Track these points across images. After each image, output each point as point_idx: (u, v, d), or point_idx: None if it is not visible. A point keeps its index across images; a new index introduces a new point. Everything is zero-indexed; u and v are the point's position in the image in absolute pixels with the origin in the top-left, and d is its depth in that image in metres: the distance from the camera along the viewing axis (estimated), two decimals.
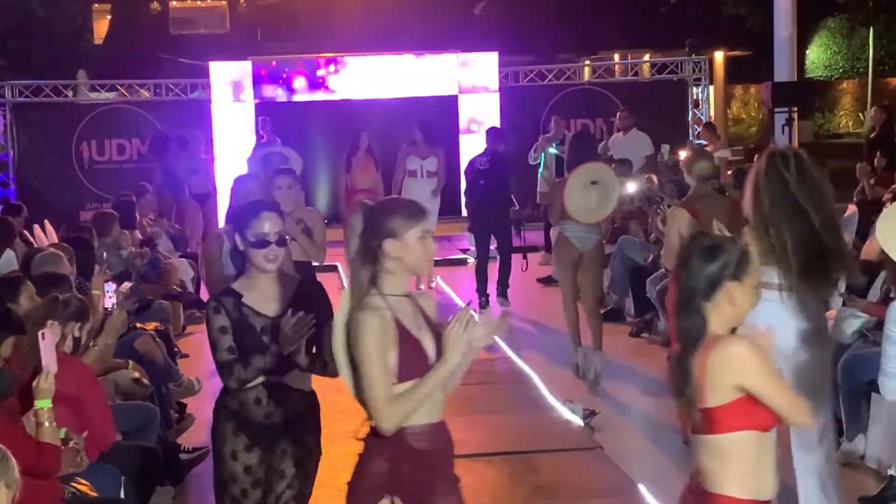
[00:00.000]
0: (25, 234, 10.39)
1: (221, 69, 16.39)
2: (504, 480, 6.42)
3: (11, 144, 16.20)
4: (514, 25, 26.68)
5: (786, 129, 15.82)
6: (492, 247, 11.89)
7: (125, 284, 6.75)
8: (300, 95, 16.45)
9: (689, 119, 17.05)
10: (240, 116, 16.04)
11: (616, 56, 27.73)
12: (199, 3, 30.63)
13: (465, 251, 14.76)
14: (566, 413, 7.44)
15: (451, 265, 13.37)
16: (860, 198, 11.84)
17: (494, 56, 16.87)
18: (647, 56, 25.22)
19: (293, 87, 16.40)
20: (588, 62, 22.75)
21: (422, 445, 3.53)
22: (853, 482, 6.05)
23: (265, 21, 28.80)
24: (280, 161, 7.96)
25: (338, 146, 16.30)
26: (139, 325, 7.84)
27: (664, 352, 7.37)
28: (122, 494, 5.33)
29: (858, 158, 13.91)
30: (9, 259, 8.35)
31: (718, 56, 28.22)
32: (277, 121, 16.21)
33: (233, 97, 16.22)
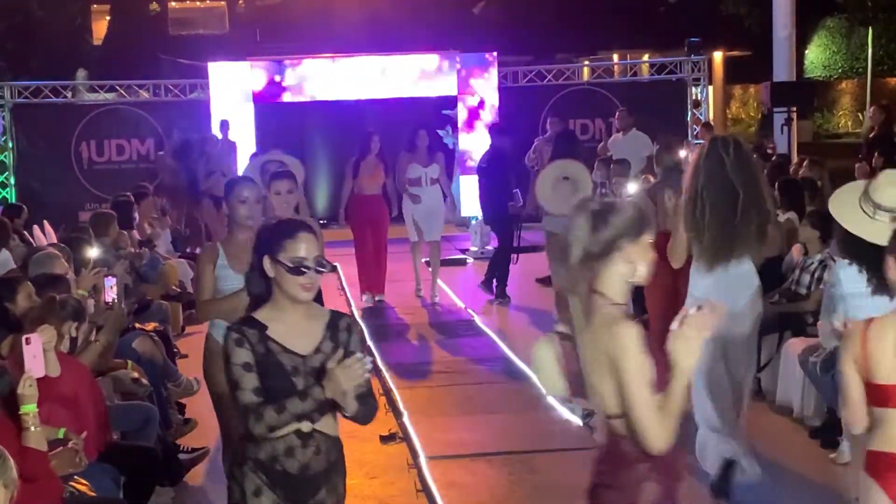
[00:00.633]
0: (25, 235, 10.40)
1: (220, 70, 16.40)
2: (504, 480, 6.41)
3: (11, 145, 16.20)
4: (513, 25, 26.71)
5: (785, 129, 15.82)
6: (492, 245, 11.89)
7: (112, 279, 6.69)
8: (299, 96, 16.44)
9: (689, 119, 17.05)
10: (239, 117, 16.02)
11: (615, 56, 27.75)
12: (199, 4, 30.65)
13: (465, 251, 14.76)
14: (565, 413, 7.44)
15: (450, 265, 13.32)
16: None
17: (493, 56, 16.87)
18: (646, 56, 25.22)
19: (292, 88, 16.39)
20: (587, 62, 22.70)
21: (680, 461, 3.47)
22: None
23: (264, 21, 28.80)
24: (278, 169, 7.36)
25: (336, 146, 16.33)
26: (138, 326, 7.85)
27: (661, 353, 7.50)
28: (122, 494, 5.33)
29: (857, 158, 13.90)
30: (4, 259, 8.34)
31: (717, 56, 28.23)
32: (277, 122, 16.21)
33: (232, 98, 16.21)
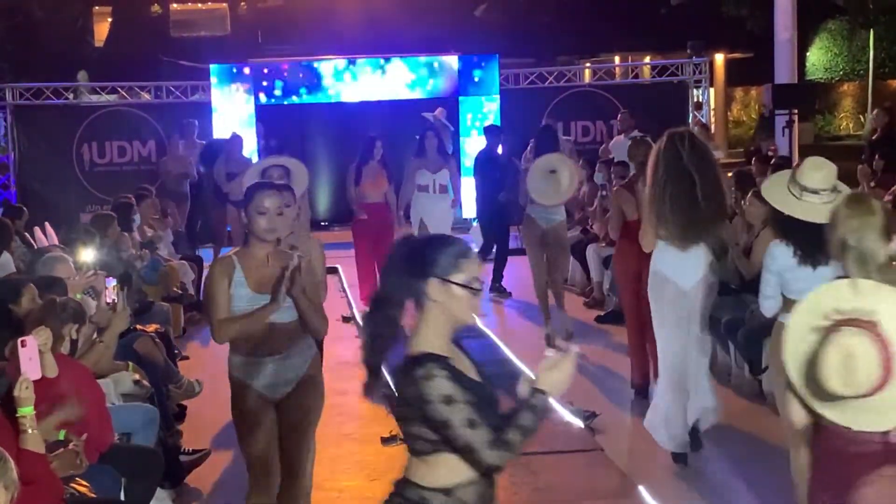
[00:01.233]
0: (27, 237, 10.39)
1: (222, 71, 16.40)
2: (504, 482, 6.38)
3: (12, 147, 16.18)
4: (515, 28, 26.71)
5: (786, 132, 15.82)
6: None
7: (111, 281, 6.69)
8: (300, 98, 16.45)
9: (690, 121, 17.05)
10: (240, 119, 16.03)
11: (616, 58, 27.75)
12: (200, 6, 30.68)
13: None
14: (566, 415, 7.44)
15: None
16: None
17: (495, 58, 16.88)
18: (648, 58, 25.23)
19: (293, 90, 16.40)
20: (588, 64, 22.73)
21: None
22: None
23: (265, 23, 28.82)
24: (279, 176, 6.59)
25: (337, 148, 16.31)
26: (139, 327, 7.84)
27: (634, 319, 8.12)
28: (122, 496, 5.33)
29: (859, 160, 13.90)
30: (5, 261, 8.34)
31: (719, 58, 28.23)
32: (277, 123, 16.19)
33: (233, 100, 16.22)
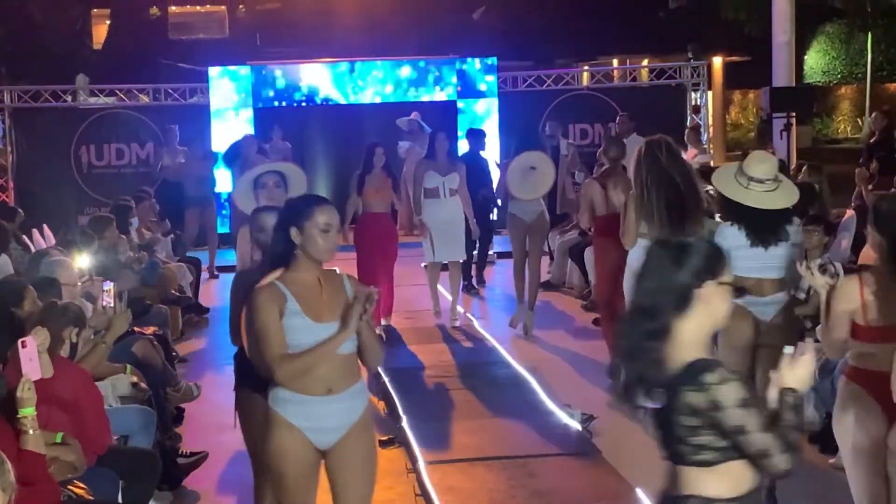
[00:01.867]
0: (24, 239, 10.38)
1: (220, 74, 16.40)
2: (502, 485, 6.41)
3: (10, 149, 16.19)
4: (513, 31, 26.74)
5: (784, 135, 15.82)
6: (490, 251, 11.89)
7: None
8: (298, 101, 16.45)
9: (688, 124, 17.06)
10: (239, 122, 16.03)
11: (615, 61, 27.79)
12: (199, 9, 30.71)
13: None
14: (564, 417, 7.44)
15: (446, 269, 13.24)
16: (858, 203, 11.79)
17: (493, 61, 16.89)
18: (646, 61, 25.25)
19: (292, 93, 16.40)
20: (587, 67, 22.70)
21: None
22: None
23: (264, 26, 28.86)
24: (276, 183, 6.04)
25: (335, 151, 16.32)
26: (137, 330, 7.83)
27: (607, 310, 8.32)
28: (120, 498, 5.33)
29: (857, 163, 13.91)
30: (3, 263, 8.33)
31: (717, 61, 28.26)
32: (277, 126, 16.18)
33: (232, 102, 16.22)
